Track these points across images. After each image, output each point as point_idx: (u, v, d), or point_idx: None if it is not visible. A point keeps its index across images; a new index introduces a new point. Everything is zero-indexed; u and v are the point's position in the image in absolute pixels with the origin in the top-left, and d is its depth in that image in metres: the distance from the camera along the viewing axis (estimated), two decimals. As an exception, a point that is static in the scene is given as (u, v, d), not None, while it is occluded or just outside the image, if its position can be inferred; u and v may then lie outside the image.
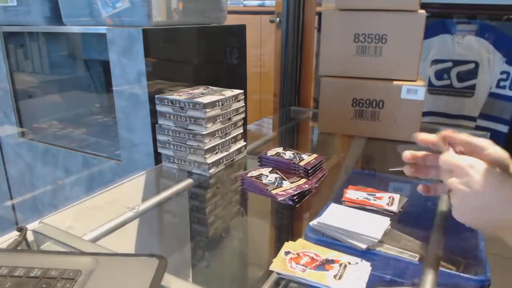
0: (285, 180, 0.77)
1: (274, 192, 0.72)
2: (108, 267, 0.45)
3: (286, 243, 0.56)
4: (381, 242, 0.56)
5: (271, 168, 0.82)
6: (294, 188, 0.74)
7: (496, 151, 0.49)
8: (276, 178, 0.78)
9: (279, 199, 0.71)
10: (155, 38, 0.92)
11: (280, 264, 0.51)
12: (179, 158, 0.87)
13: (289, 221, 0.73)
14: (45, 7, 1.10)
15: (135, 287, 0.42)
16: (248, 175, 0.78)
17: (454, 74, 1.50)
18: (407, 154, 0.60)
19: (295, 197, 0.72)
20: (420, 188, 0.61)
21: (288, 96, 1.44)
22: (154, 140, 0.91)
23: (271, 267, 0.51)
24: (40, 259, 0.46)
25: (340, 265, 0.50)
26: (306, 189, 0.75)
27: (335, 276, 0.48)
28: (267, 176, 0.78)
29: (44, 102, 1.43)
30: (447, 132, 0.54)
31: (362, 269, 0.50)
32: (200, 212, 0.74)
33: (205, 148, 0.82)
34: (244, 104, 0.92)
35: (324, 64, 1.11)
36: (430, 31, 1.49)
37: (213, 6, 1.11)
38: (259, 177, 0.78)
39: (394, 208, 0.67)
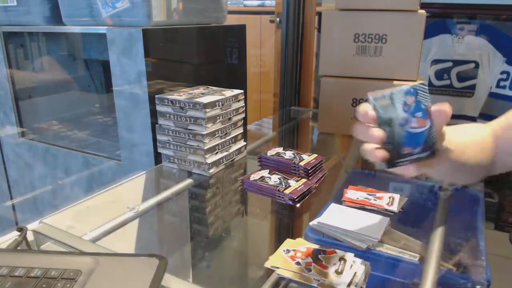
0: (288, 179, 0.78)
1: (287, 192, 0.72)
2: (108, 267, 0.45)
3: (285, 241, 0.56)
4: (381, 242, 0.56)
5: (268, 170, 0.82)
6: (302, 187, 0.75)
7: None
8: (280, 179, 0.78)
9: (295, 197, 0.71)
10: (155, 38, 0.92)
11: (276, 261, 0.51)
12: (179, 158, 0.87)
13: (289, 221, 0.73)
14: (45, 7, 1.10)
15: (135, 287, 0.42)
16: (251, 179, 0.78)
17: (454, 74, 1.50)
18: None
19: (300, 196, 0.72)
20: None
21: (288, 96, 1.44)
22: (154, 140, 0.91)
23: (266, 264, 0.51)
24: (40, 259, 0.46)
25: (340, 259, 0.50)
26: (312, 185, 0.77)
27: (336, 271, 0.48)
28: (270, 177, 0.78)
29: (44, 102, 1.43)
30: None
31: (361, 268, 0.50)
32: (200, 212, 0.74)
33: (205, 148, 0.82)
34: (244, 104, 0.92)
35: (324, 64, 1.11)
36: (430, 31, 1.49)
37: (213, 6, 1.11)
38: (262, 179, 0.78)
39: (394, 208, 0.67)
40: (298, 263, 0.50)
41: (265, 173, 0.81)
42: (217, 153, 0.86)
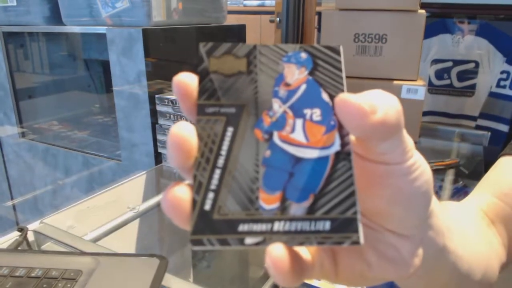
0: None
1: None
2: (109, 267, 0.45)
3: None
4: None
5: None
6: None
7: None
8: None
9: None
10: (155, 38, 0.92)
11: None
12: (179, 158, 0.87)
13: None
14: (45, 7, 1.10)
15: (136, 287, 0.42)
16: None
17: (454, 73, 1.50)
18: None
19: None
20: None
21: (288, 96, 1.44)
22: (155, 140, 0.91)
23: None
24: (41, 259, 0.46)
25: None
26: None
27: None
28: None
29: (44, 102, 1.43)
30: None
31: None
32: (201, 212, 0.74)
33: (205, 148, 0.82)
34: (244, 104, 0.92)
35: (324, 64, 1.11)
36: (430, 31, 1.49)
37: (213, 6, 1.11)
38: None
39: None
40: None
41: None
42: (217, 153, 0.86)
